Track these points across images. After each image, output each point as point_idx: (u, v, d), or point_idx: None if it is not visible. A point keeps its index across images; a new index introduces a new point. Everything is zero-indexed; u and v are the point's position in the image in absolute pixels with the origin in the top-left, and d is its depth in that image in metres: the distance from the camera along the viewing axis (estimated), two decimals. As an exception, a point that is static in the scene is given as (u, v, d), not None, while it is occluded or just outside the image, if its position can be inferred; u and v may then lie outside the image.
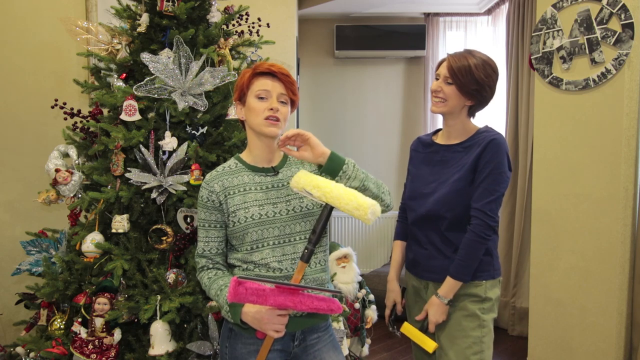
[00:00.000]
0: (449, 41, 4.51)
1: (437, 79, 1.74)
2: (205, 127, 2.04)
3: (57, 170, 2.06)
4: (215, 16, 2.19)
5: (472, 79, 1.67)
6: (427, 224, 1.75)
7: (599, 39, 2.44)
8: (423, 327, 1.78)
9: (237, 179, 1.47)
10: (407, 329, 1.74)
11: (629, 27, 2.35)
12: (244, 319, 1.36)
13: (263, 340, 1.40)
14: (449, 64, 1.70)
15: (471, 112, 1.76)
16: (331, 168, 1.41)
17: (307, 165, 1.56)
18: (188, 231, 1.98)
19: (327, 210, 1.37)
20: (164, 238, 1.95)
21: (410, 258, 1.85)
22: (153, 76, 1.96)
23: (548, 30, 2.64)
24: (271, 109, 1.43)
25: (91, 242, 1.96)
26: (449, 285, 1.68)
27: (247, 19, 2.44)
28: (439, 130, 1.88)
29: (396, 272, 1.89)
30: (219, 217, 1.47)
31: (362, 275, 2.78)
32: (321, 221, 1.37)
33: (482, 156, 1.66)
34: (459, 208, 1.69)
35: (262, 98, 1.44)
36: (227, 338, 1.50)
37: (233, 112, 2.08)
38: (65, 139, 2.24)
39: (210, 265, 1.50)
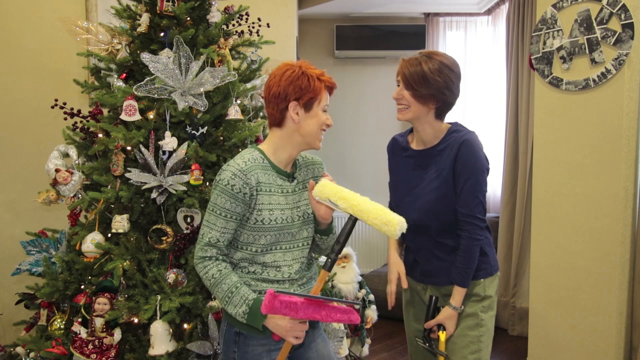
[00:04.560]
0: (449, 41, 4.51)
1: (398, 85, 1.69)
2: (205, 127, 2.04)
3: (57, 170, 2.07)
4: (215, 16, 2.19)
5: (426, 84, 1.61)
6: (416, 232, 1.71)
7: (599, 39, 2.44)
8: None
9: (266, 176, 1.44)
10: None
11: (629, 27, 2.34)
12: (267, 325, 1.37)
13: (275, 340, 1.43)
14: (400, 69, 1.66)
15: (438, 114, 1.69)
16: (328, 230, 1.56)
17: (315, 170, 1.59)
18: (188, 231, 1.98)
19: (352, 221, 1.37)
20: (164, 238, 1.95)
21: (410, 262, 1.83)
22: (153, 76, 1.96)
23: (548, 30, 2.64)
24: (329, 125, 1.49)
25: (91, 242, 1.96)
26: (460, 294, 1.67)
27: (247, 19, 2.44)
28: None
29: (395, 248, 1.81)
30: (244, 209, 1.41)
31: (362, 275, 2.79)
32: (345, 232, 1.38)
33: (457, 160, 1.63)
34: (444, 214, 1.67)
35: (325, 111, 1.48)
36: (233, 342, 1.47)
37: (233, 112, 2.08)
38: (65, 139, 2.23)
39: (220, 257, 1.44)
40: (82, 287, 2.02)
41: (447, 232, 1.69)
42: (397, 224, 1.32)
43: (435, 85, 1.61)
